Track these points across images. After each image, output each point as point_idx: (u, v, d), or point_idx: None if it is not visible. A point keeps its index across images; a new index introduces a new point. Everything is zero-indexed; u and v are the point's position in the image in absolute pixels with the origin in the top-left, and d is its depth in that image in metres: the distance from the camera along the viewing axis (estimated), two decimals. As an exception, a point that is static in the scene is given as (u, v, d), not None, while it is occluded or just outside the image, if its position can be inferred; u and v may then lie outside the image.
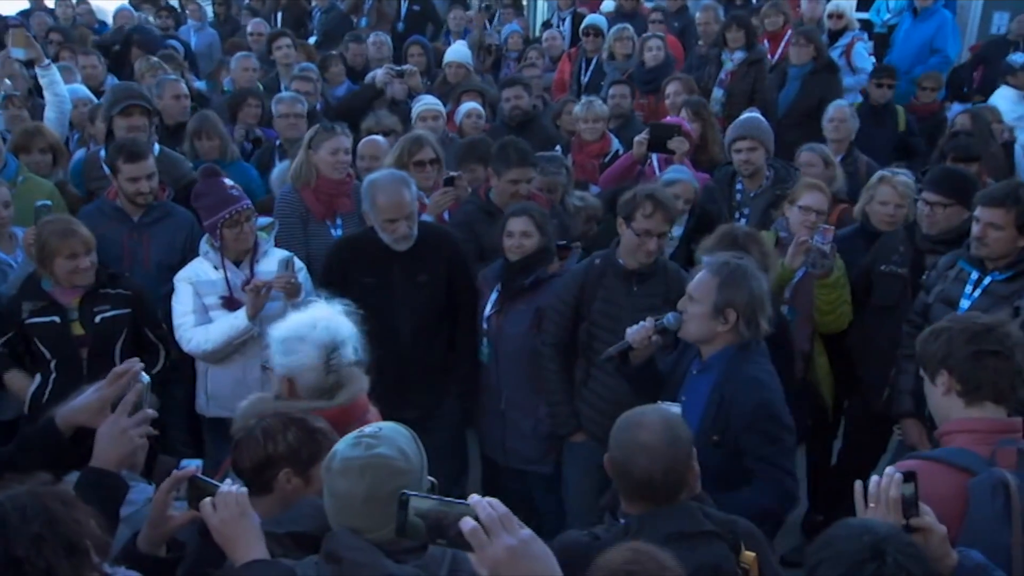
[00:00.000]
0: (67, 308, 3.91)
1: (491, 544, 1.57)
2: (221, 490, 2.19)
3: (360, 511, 2.04)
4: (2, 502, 1.66)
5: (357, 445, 2.10)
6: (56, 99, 5.65)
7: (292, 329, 2.85)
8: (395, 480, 2.02)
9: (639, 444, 2.38)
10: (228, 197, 3.93)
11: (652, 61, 6.98)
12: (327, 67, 7.25)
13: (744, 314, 3.05)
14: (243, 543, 2.10)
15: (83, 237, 3.86)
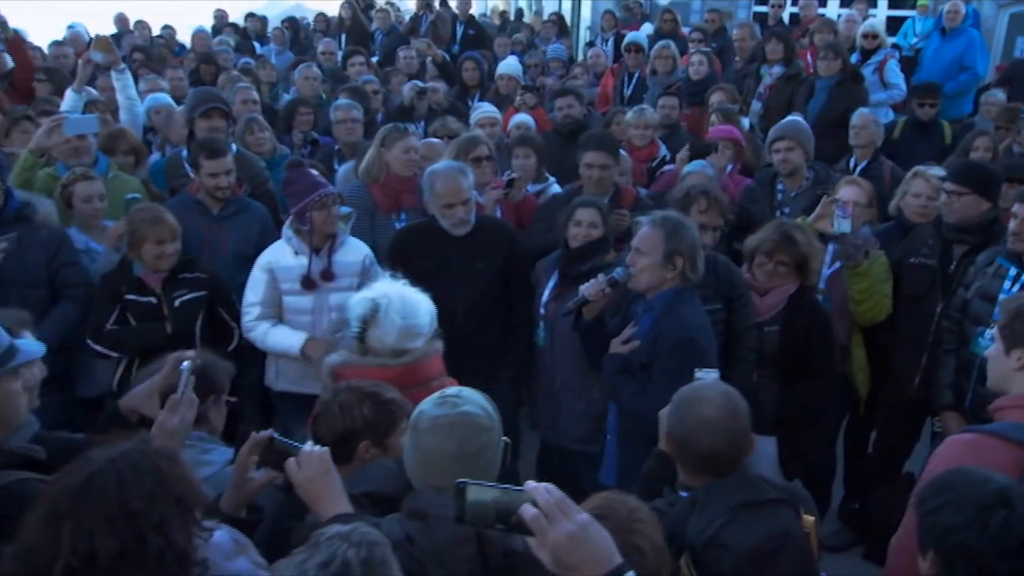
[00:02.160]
0: (156, 291, 3.94)
1: (552, 530, 1.51)
2: (304, 450, 2.16)
3: (447, 468, 1.99)
4: (115, 458, 1.62)
5: (443, 404, 2.06)
6: (128, 102, 5.75)
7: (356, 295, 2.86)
8: (480, 437, 1.99)
9: (702, 419, 2.30)
10: (316, 182, 3.94)
11: (696, 75, 6.94)
12: (389, 79, 7.30)
13: (688, 259, 3.25)
14: (328, 499, 2.07)
15: (170, 225, 3.90)
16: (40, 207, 4.07)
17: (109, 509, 1.53)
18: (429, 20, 10.04)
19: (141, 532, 1.54)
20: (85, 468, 1.60)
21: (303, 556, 1.43)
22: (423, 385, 2.59)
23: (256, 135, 5.29)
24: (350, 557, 1.43)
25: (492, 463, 2.06)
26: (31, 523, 1.56)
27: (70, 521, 1.51)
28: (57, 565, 1.47)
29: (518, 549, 1.90)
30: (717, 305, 3.71)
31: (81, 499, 1.54)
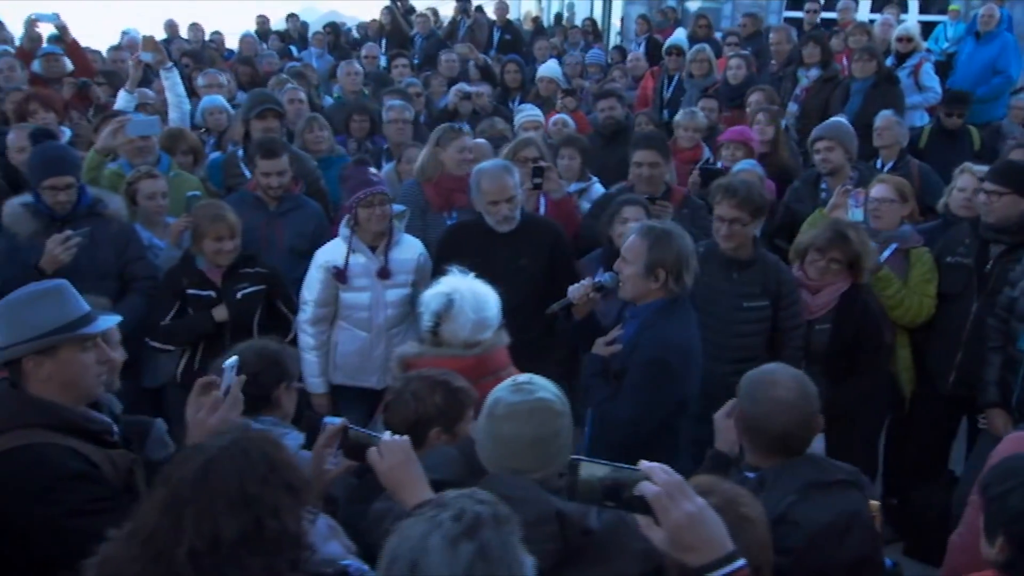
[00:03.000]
0: (218, 285, 4.00)
1: (672, 509, 1.51)
2: (384, 439, 2.17)
3: (525, 452, 2.01)
4: (227, 446, 1.64)
5: (518, 391, 2.08)
6: (177, 99, 5.81)
7: (429, 289, 2.90)
8: (555, 422, 2.01)
9: (775, 400, 2.30)
10: (367, 181, 3.97)
11: (735, 80, 6.91)
12: (430, 82, 7.35)
13: (672, 272, 3.11)
14: (411, 486, 2.07)
15: (230, 222, 3.95)
16: (110, 203, 4.14)
17: (229, 495, 1.55)
18: (467, 25, 10.08)
19: (259, 517, 1.56)
20: (200, 456, 1.62)
21: (432, 512, 1.42)
22: (492, 375, 2.62)
23: (315, 133, 5.36)
24: (480, 511, 1.43)
25: (565, 448, 2.07)
26: (148, 509, 1.58)
27: (192, 507, 1.53)
28: (181, 549, 1.49)
29: (595, 528, 1.91)
30: (764, 302, 3.70)
31: (202, 486, 1.56)
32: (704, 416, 3.79)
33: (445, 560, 1.35)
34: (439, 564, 1.35)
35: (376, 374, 4.16)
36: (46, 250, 3.79)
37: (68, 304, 2.25)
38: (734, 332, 3.70)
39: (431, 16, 10.69)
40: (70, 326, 2.21)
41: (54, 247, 3.79)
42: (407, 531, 1.41)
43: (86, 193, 4.08)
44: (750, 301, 3.68)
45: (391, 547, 1.41)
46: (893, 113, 5.59)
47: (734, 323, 3.70)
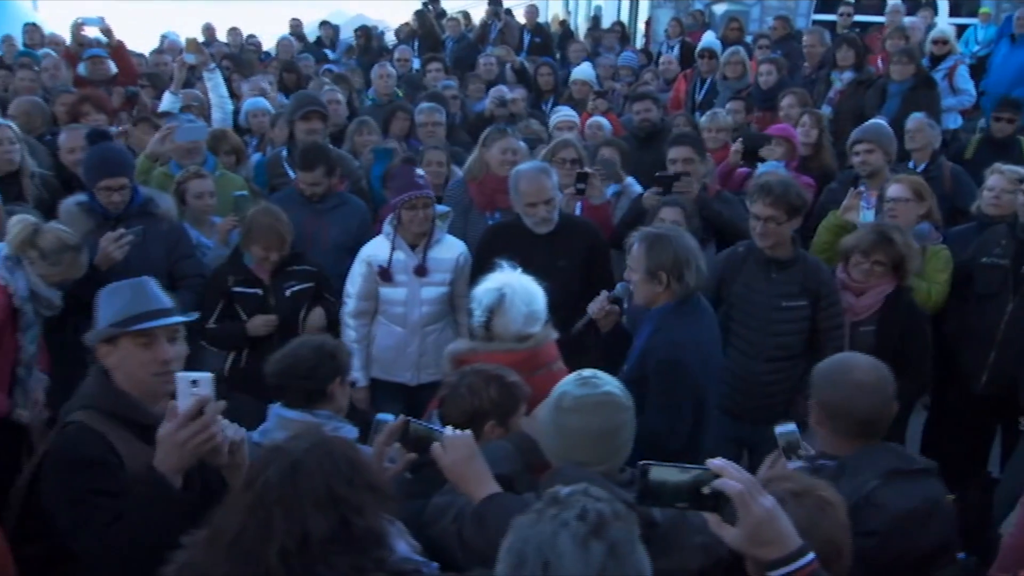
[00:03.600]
0: (265, 283, 4.06)
1: (754, 504, 1.54)
2: (447, 434, 2.18)
3: (590, 445, 2.03)
4: (311, 448, 1.65)
5: (585, 385, 2.09)
6: (219, 100, 5.91)
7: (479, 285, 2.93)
8: (621, 415, 2.03)
9: (858, 384, 2.32)
10: (413, 183, 4.01)
11: (766, 84, 6.88)
12: (467, 85, 7.39)
13: (673, 273, 3.11)
14: (477, 480, 2.09)
15: (282, 233, 3.99)
16: (161, 203, 4.22)
17: (317, 495, 1.57)
18: (498, 28, 10.12)
19: (345, 516, 1.57)
20: (284, 458, 1.62)
21: (553, 511, 1.42)
22: (545, 368, 2.65)
23: (364, 137, 5.46)
24: (603, 509, 1.43)
25: (629, 441, 2.10)
26: (231, 512, 1.59)
27: (281, 508, 1.54)
28: (271, 549, 1.51)
29: (659, 521, 1.93)
30: (802, 302, 3.69)
31: (290, 487, 1.57)
32: (741, 414, 3.85)
33: (578, 561, 1.36)
34: (572, 565, 1.35)
35: (410, 370, 4.22)
36: (100, 247, 3.87)
37: (138, 299, 2.29)
38: (772, 331, 3.70)
39: (462, 19, 10.75)
40: (127, 321, 2.25)
41: (108, 245, 3.87)
42: (528, 531, 1.41)
43: (138, 193, 4.17)
44: (789, 301, 3.67)
45: (514, 547, 1.42)
46: (925, 116, 5.55)
47: (772, 322, 3.70)
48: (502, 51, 8.59)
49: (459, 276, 4.19)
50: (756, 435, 3.68)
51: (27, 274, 3.55)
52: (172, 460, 1.98)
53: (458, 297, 4.21)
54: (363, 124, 5.52)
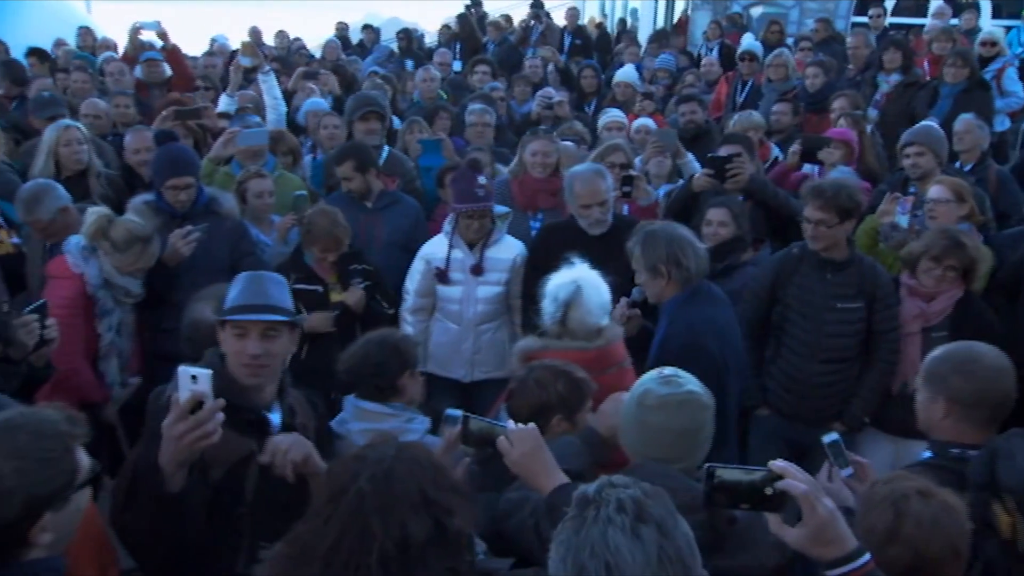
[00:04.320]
0: (325, 281, 4.13)
1: (819, 505, 1.58)
2: (511, 428, 2.18)
3: (672, 443, 2.05)
4: (397, 455, 1.66)
5: (668, 383, 2.11)
6: (274, 102, 5.99)
7: (551, 279, 2.95)
8: (703, 414, 2.05)
9: (993, 368, 2.34)
10: (474, 194, 4.06)
11: (812, 87, 6.83)
12: (512, 86, 7.43)
13: (670, 263, 3.19)
14: (544, 472, 2.09)
15: (339, 236, 4.05)
16: (224, 202, 4.32)
17: (411, 499, 1.58)
18: (539, 31, 10.15)
19: (438, 519, 1.58)
20: (374, 466, 1.62)
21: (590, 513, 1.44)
22: (615, 367, 2.67)
23: (415, 135, 5.51)
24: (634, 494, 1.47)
25: (708, 439, 2.12)
26: (319, 524, 1.60)
27: (378, 515, 1.55)
28: (372, 556, 1.52)
29: (740, 518, 1.96)
30: (858, 304, 3.68)
31: (386, 494, 1.58)
32: (792, 414, 3.84)
33: (636, 551, 1.39)
34: (631, 556, 1.38)
35: (464, 367, 4.27)
36: (168, 244, 3.98)
37: (247, 291, 2.33)
38: (826, 332, 3.69)
39: (503, 22, 10.80)
40: (229, 311, 2.32)
41: (176, 241, 3.98)
42: (575, 539, 1.43)
43: (203, 192, 4.27)
44: (844, 302, 3.65)
45: (568, 558, 1.42)
46: (974, 117, 5.48)
47: (826, 323, 3.68)
48: (547, 52, 8.61)
49: (516, 276, 4.23)
50: (809, 437, 3.64)
51: (100, 263, 3.72)
52: (169, 453, 1.96)
53: (513, 298, 4.27)
54: (413, 123, 5.60)
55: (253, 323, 2.29)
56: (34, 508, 1.59)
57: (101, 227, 3.71)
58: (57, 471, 1.64)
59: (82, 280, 3.69)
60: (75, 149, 4.72)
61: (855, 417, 3.76)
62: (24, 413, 1.69)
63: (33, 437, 1.62)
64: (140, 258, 3.79)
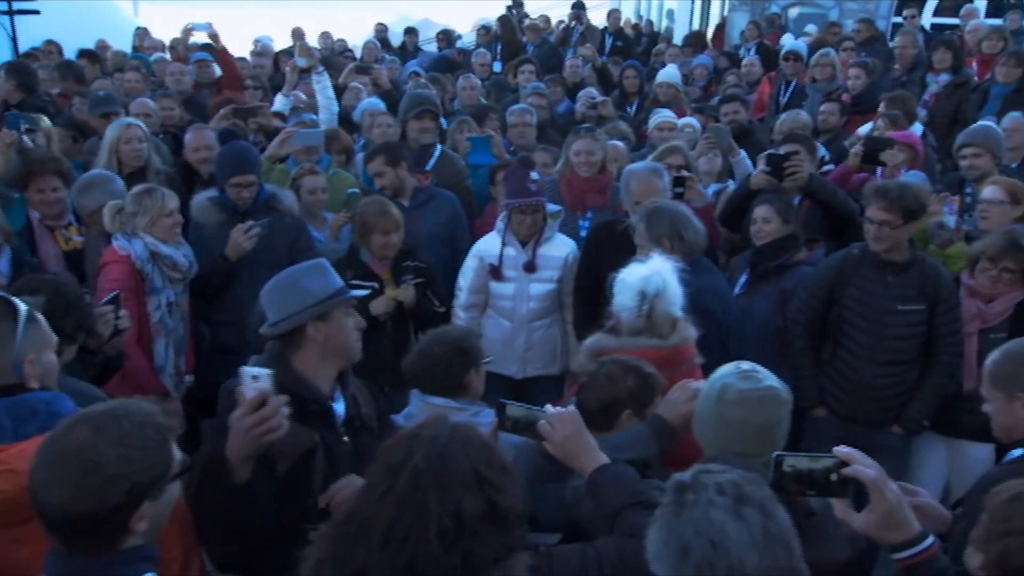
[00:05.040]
0: (380, 277, 4.15)
1: (887, 490, 1.62)
2: (551, 411, 2.18)
3: (751, 438, 2.05)
4: (450, 434, 1.68)
5: (747, 379, 2.10)
6: (327, 101, 6.05)
7: (625, 273, 2.92)
8: (781, 410, 2.05)
9: None
10: (525, 189, 4.08)
11: (855, 88, 6.75)
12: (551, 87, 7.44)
13: (673, 237, 3.40)
14: (586, 454, 2.11)
15: (395, 217, 4.10)
16: (284, 198, 4.37)
17: (465, 477, 1.60)
18: (579, 32, 10.15)
19: (490, 496, 1.60)
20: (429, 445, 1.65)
21: (689, 496, 1.46)
22: (687, 364, 2.66)
23: (464, 134, 5.54)
24: (733, 478, 1.49)
25: (785, 435, 2.11)
26: (380, 499, 1.62)
27: (435, 491, 1.58)
28: (430, 531, 1.55)
29: (817, 511, 1.96)
30: (919, 306, 3.62)
31: (442, 471, 1.60)
32: (848, 416, 3.80)
33: (741, 531, 1.41)
34: (738, 536, 1.40)
35: (516, 363, 4.28)
36: (231, 239, 4.05)
37: (332, 275, 2.43)
38: (886, 335, 3.64)
39: (542, 23, 10.80)
40: (339, 292, 2.41)
41: (238, 236, 4.04)
42: (677, 522, 1.45)
43: (263, 189, 4.33)
44: (905, 304, 3.60)
45: (670, 541, 1.44)
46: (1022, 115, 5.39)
47: (886, 325, 3.63)
48: (587, 51, 8.60)
49: (568, 273, 4.24)
50: (866, 439, 3.61)
51: (143, 239, 3.83)
52: (236, 445, 2.04)
53: (565, 295, 4.27)
54: (463, 123, 5.63)
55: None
56: (135, 496, 1.62)
57: (114, 210, 3.86)
58: (156, 460, 1.66)
59: (130, 260, 3.79)
60: (135, 147, 4.81)
61: (914, 420, 3.71)
62: (125, 403, 1.73)
63: (136, 426, 1.65)
64: (157, 209, 3.85)
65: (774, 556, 1.41)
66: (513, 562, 1.61)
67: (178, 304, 4.00)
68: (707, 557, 1.40)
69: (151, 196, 3.89)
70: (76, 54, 8.61)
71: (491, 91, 8.07)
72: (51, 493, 1.56)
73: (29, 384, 2.06)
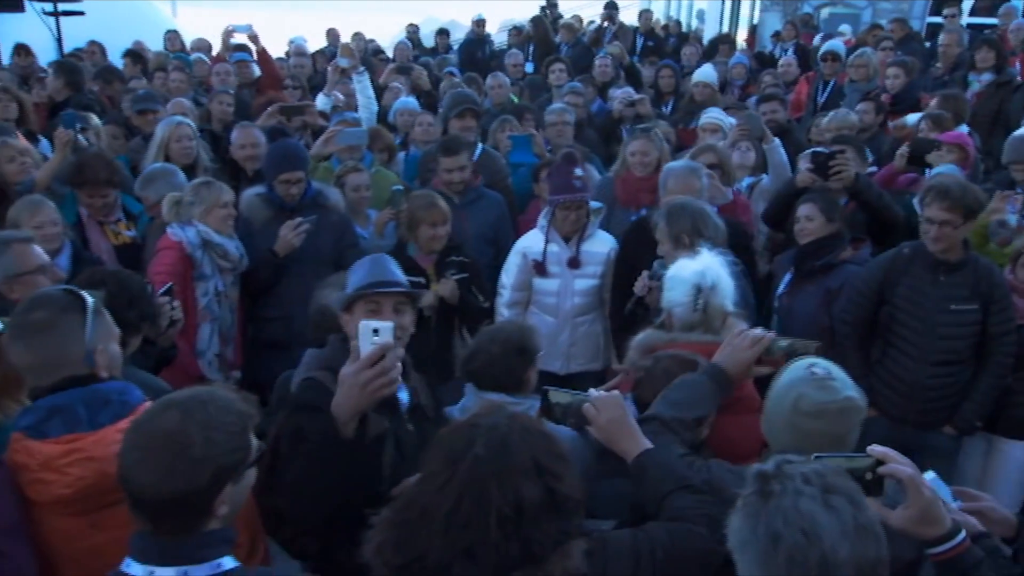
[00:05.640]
0: (426, 272, 4.13)
1: (923, 487, 1.66)
2: (595, 395, 2.18)
3: (823, 446, 1.95)
4: (509, 423, 1.69)
5: (824, 388, 2.04)
6: (367, 101, 6.08)
7: (677, 269, 2.89)
8: (859, 416, 2.02)
9: None
10: (570, 186, 4.07)
11: (893, 88, 6.64)
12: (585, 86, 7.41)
13: (693, 234, 3.38)
14: (630, 438, 2.10)
15: (442, 210, 4.08)
16: (331, 195, 4.39)
17: (524, 466, 1.62)
18: (612, 32, 10.11)
19: (549, 484, 1.62)
20: (490, 434, 1.66)
21: (775, 487, 1.45)
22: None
23: (506, 132, 5.55)
24: (817, 468, 1.49)
25: (856, 439, 2.07)
26: (441, 486, 1.64)
27: (496, 480, 1.60)
28: (491, 517, 1.57)
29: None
30: (973, 306, 3.55)
31: (503, 460, 1.62)
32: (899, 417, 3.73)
33: (832, 519, 1.40)
34: (830, 526, 1.39)
35: (560, 359, 4.27)
36: (280, 234, 4.08)
37: (373, 271, 2.40)
38: (939, 335, 3.57)
39: (576, 24, 10.76)
40: (361, 288, 2.37)
41: (287, 232, 4.07)
42: (764, 511, 1.44)
43: (311, 186, 4.35)
44: (958, 304, 3.53)
45: (758, 531, 1.43)
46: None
47: (939, 326, 3.57)
48: (615, 49, 8.56)
49: (610, 269, 4.21)
50: (918, 440, 3.58)
51: (196, 227, 3.89)
52: (351, 401, 2.00)
53: (607, 291, 4.25)
54: (505, 121, 5.63)
55: (386, 297, 2.36)
56: (220, 479, 1.64)
57: (173, 200, 3.95)
58: (239, 445, 1.68)
59: (181, 246, 3.85)
60: (185, 145, 4.87)
61: (967, 421, 3.64)
62: (209, 390, 1.75)
63: (221, 411, 1.67)
64: (212, 200, 3.91)
65: (864, 547, 1.40)
66: (570, 548, 1.62)
67: (227, 295, 4.04)
68: (799, 546, 1.38)
69: (208, 188, 3.96)
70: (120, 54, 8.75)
71: (525, 91, 8.07)
72: (142, 474, 1.58)
73: (100, 374, 2.08)
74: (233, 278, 4.07)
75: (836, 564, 1.37)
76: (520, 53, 9.55)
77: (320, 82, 8.20)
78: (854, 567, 1.38)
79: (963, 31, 7.36)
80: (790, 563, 1.38)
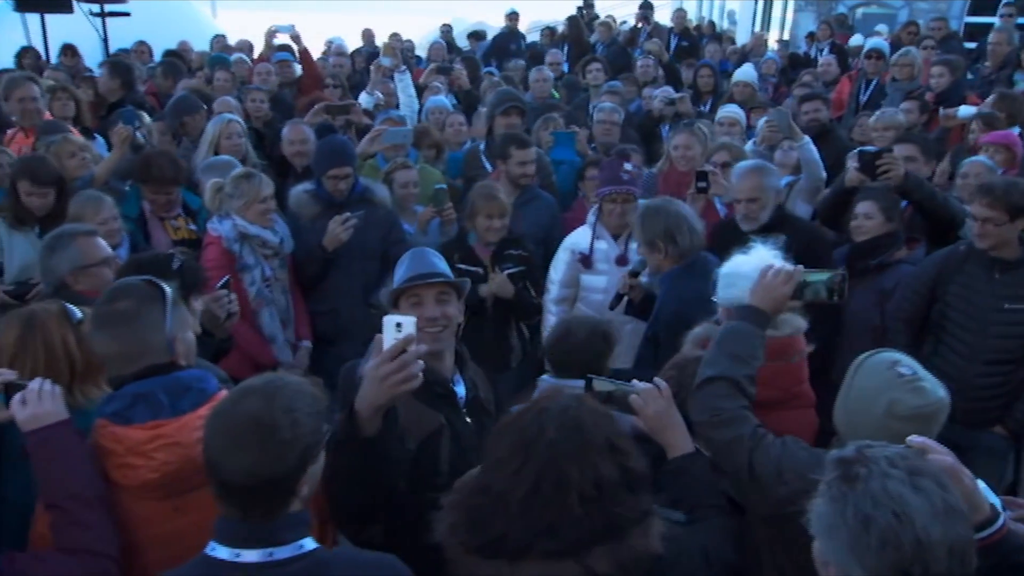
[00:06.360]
0: (485, 263, 4.15)
1: (965, 477, 1.67)
2: (641, 386, 2.20)
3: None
4: (578, 406, 1.69)
5: (916, 391, 2.03)
6: (408, 100, 6.13)
7: (733, 266, 2.85)
8: (947, 412, 2.03)
9: None
10: (618, 178, 4.07)
11: (938, 87, 6.54)
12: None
13: (667, 239, 3.41)
14: (675, 431, 2.14)
15: (500, 203, 4.11)
16: (378, 191, 4.42)
17: (599, 445, 1.63)
18: (647, 32, 10.07)
19: (621, 462, 1.63)
20: (562, 417, 1.65)
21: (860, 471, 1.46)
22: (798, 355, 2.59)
23: (548, 130, 5.56)
24: (901, 452, 1.50)
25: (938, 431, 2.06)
26: (516, 470, 1.62)
27: (573, 461, 1.60)
28: (572, 497, 1.57)
29: None
30: (1026, 305, 3.49)
31: (579, 441, 1.62)
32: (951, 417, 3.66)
33: (922, 501, 1.40)
34: (920, 505, 1.40)
35: None
36: (329, 229, 4.10)
37: (414, 265, 2.42)
38: (992, 333, 3.52)
39: (611, 23, 10.74)
40: (403, 282, 2.39)
41: (335, 227, 4.09)
42: (853, 496, 1.44)
43: (358, 181, 4.38)
44: (1013, 303, 3.48)
45: (850, 513, 1.43)
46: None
47: (992, 324, 3.51)
48: (653, 45, 8.54)
49: None
50: (967, 439, 3.50)
51: (233, 220, 3.93)
52: (371, 396, 1.94)
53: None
54: (548, 120, 5.63)
55: (426, 288, 2.37)
56: (305, 460, 1.66)
57: (216, 188, 3.99)
58: (317, 426, 1.71)
59: (221, 240, 3.90)
60: (235, 141, 4.94)
61: (1018, 421, 3.58)
62: (281, 376, 1.77)
63: (297, 394, 1.70)
64: (253, 194, 3.93)
65: (955, 527, 1.40)
66: (650, 526, 1.64)
67: (277, 278, 4.08)
68: (891, 527, 1.38)
69: (248, 181, 3.98)
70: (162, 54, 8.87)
71: (562, 90, 8.07)
72: (233, 460, 1.60)
73: (179, 362, 2.11)
74: (280, 261, 4.10)
75: (930, 545, 1.37)
76: (559, 52, 9.56)
77: (358, 81, 8.29)
78: (946, 548, 1.38)
79: (1014, 30, 7.21)
80: (883, 545, 1.38)
